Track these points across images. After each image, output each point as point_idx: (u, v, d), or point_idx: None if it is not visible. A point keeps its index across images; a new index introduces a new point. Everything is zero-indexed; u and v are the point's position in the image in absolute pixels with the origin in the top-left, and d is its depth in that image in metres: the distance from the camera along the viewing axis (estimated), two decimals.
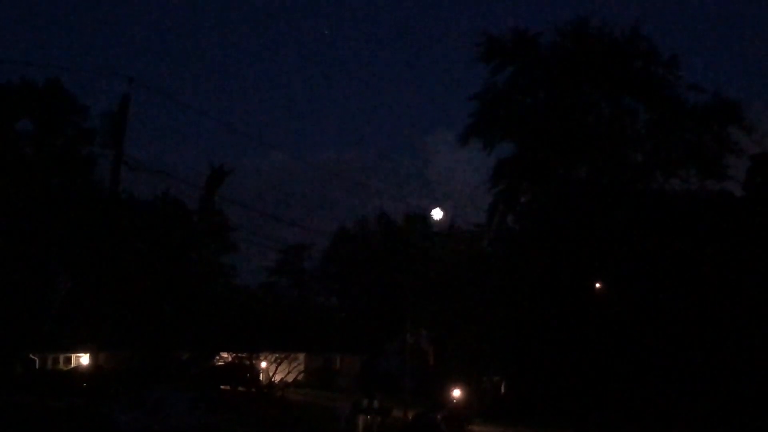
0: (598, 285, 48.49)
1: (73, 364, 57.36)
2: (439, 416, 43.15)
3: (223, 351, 58.30)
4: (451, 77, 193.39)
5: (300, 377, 62.46)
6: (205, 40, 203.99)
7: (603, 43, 49.44)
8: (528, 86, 51.23)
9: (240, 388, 54.51)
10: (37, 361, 56.93)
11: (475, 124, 51.12)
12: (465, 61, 52.01)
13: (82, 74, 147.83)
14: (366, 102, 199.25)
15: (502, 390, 62.82)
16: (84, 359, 53.58)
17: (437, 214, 53.64)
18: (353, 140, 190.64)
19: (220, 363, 58.63)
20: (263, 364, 61.01)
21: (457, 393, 59.12)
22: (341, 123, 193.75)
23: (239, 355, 58.25)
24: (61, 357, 59.00)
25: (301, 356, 65.55)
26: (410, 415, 45.22)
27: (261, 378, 60.07)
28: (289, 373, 60.37)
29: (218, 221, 58.30)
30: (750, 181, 50.05)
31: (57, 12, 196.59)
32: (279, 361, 60.11)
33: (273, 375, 59.47)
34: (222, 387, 53.80)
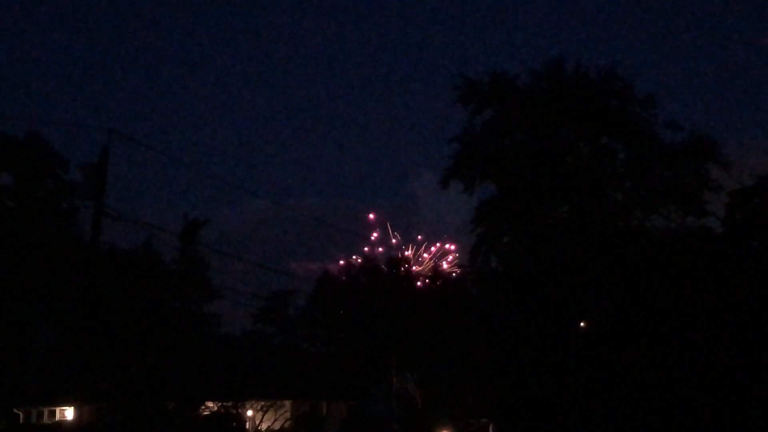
0: (582, 324, 48.54)
1: (57, 418, 56.92)
2: None
3: (209, 400, 58.09)
4: (433, 120, 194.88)
5: (286, 424, 62.36)
6: (185, 89, 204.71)
7: (579, 84, 49.76)
8: (506, 128, 51.41)
9: None
10: (21, 416, 56.47)
11: (454, 166, 51.21)
12: (446, 103, 51.83)
13: (62, 127, 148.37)
14: (348, 146, 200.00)
15: (490, 431, 62.70)
16: (69, 413, 53.25)
17: None
18: (335, 185, 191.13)
19: (205, 412, 58.41)
20: (249, 413, 60.88)
21: None
22: (324, 169, 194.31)
23: (225, 404, 58.09)
24: (46, 411, 58.51)
25: (287, 403, 65.45)
26: None
27: (247, 426, 59.89)
28: (275, 420, 60.28)
29: (199, 270, 58.38)
30: (729, 217, 50.31)
31: (36, 65, 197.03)
32: (265, 408, 60.05)
33: (259, 423, 59.31)
34: None
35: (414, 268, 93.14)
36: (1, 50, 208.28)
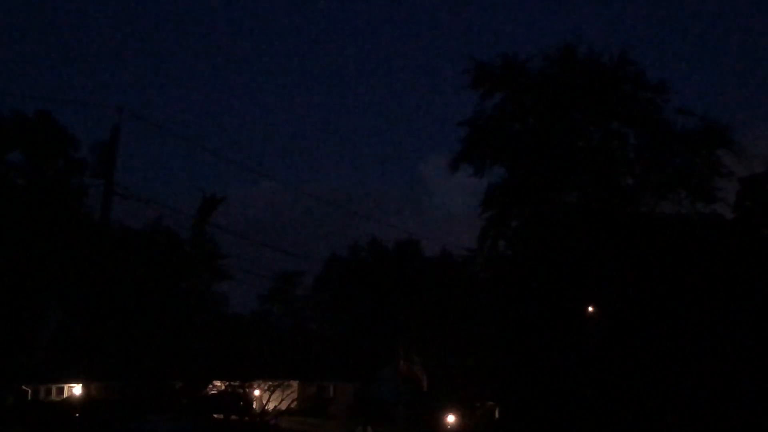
0: (590, 308, 48.49)
1: (65, 395, 57.16)
2: None
3: (216, 380, 58.24)
4: (443, 104, 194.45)
5: (293, 405, 62.43)
6: (196, 69, 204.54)
7: (591, 69, 49.55)
8: (517, 112, 51.26)
9: (233, 417, 54.46)
10: (30, 393, 56.72)
11: (465, 150, 51.10)
12: (456, 87, 51.63)
13: (72, 105, 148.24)
14: (358, 129, 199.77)
15: (496, 415, 62.67)
16: (76, 390, 53.49)
17: None
18: (345, 168, 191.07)
19: (212, 392, 58.59)
20: (256, 393, 61.02)
21: (451, 419, 59.02)
22: (334, 151, 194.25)
23: (232, 383, 58.22)
24: (54, 388, 58.76)
25: (295, 384, 65.58)
26: None
27: (254, 406, 60.06)
28: (282, 401, 60.35)
29: (210, 250, 58.42)
30: (740, 203, 50.16)
31: (47, 44, 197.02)
32: (272, 389, 60.13)
33: (266, 403, 59.44)
34: (215, 416, 53.69)
35: None
36: (13, 28, 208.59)
